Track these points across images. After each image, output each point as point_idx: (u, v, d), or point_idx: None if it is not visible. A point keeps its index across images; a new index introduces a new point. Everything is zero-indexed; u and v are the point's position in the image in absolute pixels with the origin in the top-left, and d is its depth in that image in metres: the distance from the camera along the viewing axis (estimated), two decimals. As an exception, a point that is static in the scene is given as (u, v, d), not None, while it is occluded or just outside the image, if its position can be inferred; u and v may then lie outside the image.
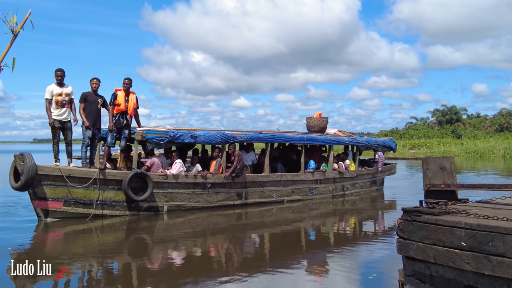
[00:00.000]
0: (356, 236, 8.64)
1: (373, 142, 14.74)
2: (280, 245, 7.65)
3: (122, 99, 9.44)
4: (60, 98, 8.98)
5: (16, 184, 8.47)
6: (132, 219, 9.22)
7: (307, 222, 9.89)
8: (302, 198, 12.10)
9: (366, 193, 14.12)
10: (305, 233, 8.81)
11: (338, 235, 8.70)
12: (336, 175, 12.97)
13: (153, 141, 9.53)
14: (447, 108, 61.80)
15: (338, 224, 9.77)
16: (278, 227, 9.11)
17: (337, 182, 13.05)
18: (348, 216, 10.97)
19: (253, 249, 7.47)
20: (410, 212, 4.29)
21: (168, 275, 5.61)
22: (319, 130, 13.91)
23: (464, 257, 3.71)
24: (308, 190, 12.27)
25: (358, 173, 13.86)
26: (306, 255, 6.82)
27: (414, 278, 4.26)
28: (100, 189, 8.97)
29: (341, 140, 13.56)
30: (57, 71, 9.10)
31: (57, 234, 8.13)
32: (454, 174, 5.31)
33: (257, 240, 8.15)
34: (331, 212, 11.39)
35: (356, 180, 13.76)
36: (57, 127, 8.98)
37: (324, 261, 6.57)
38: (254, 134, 11.43)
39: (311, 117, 14.30)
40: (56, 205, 8.70)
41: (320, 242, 8.05)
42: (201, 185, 10.13)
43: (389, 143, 15.59)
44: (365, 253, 7.00)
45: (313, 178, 12.30)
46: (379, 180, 15.21)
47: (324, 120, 14.22)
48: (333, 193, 12.92)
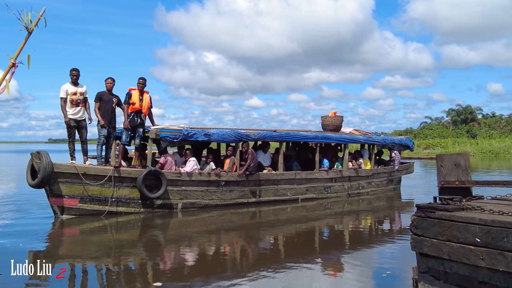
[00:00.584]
0: (371, 235, 8.58)
1: (389, 141, 14.59)
2: (294, 244, 7.62)
3: (136, 98, 9.56)
4: (75, 97, 9.13)
5: (33, 182, 8.64)
6: (147, 216, 9.32)
7: (322, 221, 9.81)
8: (317, 197, 12.06)
9: (383, 192, 13.98)
10: (320, 232, 8.77)
11: (353, 233, 8.64)
12: (351, 173, 12.89)
13: (167, 139, 9.63)
14: (462, 107, 61.03)
15: (353, 223, 9.70)
16: (293, 225, 9.08)
17: (352, 181, 12.96)
18: (363, 215, 10.85)
19: (267, 248, 7.45)
20: (424, 209, 4.27)
21: (182, 273, 5.62)
22: (334, 128, 13.83)
23: (478, 253, 3.68)
24: (323, 188, 12.24)
25: (374, 171, 13.74)
26: (320, 254, 6.77)
27: (428, 275, 4.24)
28: (115, 186, 9.09)
29: (356, 139, 13.47)
30: (72, 70, 9.25)
31: (73, 230, 8.26)
32: (469, 170, 5.26)
33: (271, 239, 8.13)
34: (346, 211, 11.29)
35: (372, 178, 13.65)
36: (72, 125, 9.14)
37: (338, 259, 6.53)
38: (268, 133, 11.44)
39: (326, 115, 14.22)
40: (72, 202, 8.84)
41: (334, 240, 8.01)
42: (215, 183, 10.19)
43: (406, 141, 15.42)
44: (380, 251, 6.94)
45: (327, 176, 12.26)
46: (396, 179, 15.05)
47: (339, 119, 14.14)
48: (348, 191, 12.84)
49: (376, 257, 6.58)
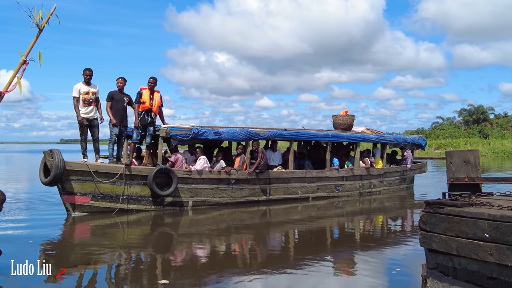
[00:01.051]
0: (382, 233, 8.50)
1: (402, 140, 14.45)
2: (305, 242, 7.59)
3: (147, 97, 9.65)
4: (87, 96, 9.27)
5: (45, 179, 8.79)
6: (158, 214, 9.40)
7: (333, 220, 9.74)
8: (328, 195, 12.02)
9: (395, 191, 13.86)
10: (330, 231, 8.70)
11: (364, 232, 8.56)
12: (363, 172, 12.82)
13: (177, 138, 9.71)
14: (474, 107, 60.42)
15: (364, 221, 9.61)
16: (303, 224, 9.05)
17: (364, 179, 12.89)
18: (374, 214, 10.77)
19: (277, 246, 7.43)
20: (433, 205, 4.25)
21: (191, 270, 5.60)
22: (345, 127, 13.77)
23: (487, 249, 3.65)
24: (334, 187, 12.20)
25: (386, 170, 13.64)
26: (330, 251, 6.73)
27: (437, 271, 4.21)
28: (126, 184, 9.20)
29: (367, 138, 13.39)
30: (85, 70, 9.40)
31: (85, 227, 8.38)
32: (478, 167, 5.22)
33: (281, 237, 8.11)
34: (358, 210, 11.20)
35: (384, 177, 13.54)
36: (84, 124, 9.27)
37: (348, 256, 6.49)
38: (278, 131, 11.44)
39: (337, 114, 14.19)
40: (84, 200, 8.98)
41: (345, 238, 7.95)
42: (225, 181, 10.23)
43: (419, 141, 15.26)
44: (390, 249, 6.88)
45: (338, 175, 12.21)
46: (409, 178, 14.90)
47: (350, 118, 14.08)
48: (360, 190, 12.77)
49: (386, 255, 6.52)
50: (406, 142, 14.59)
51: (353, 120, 14.19)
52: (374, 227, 9.17)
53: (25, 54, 3.86)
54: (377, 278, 5.35)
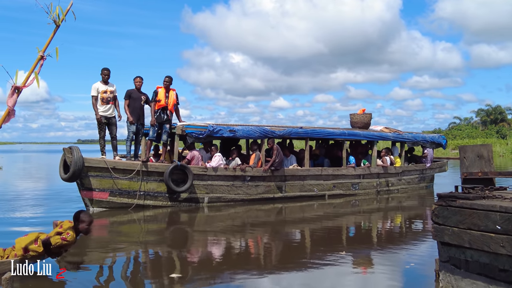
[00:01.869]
0: (397, 230, 8.42)
1: (421, 138, 14.25)
2: (320, 239, 7.55)
3: (162, 96, 9.83)
4: (105, 95, 9.49)
5: (65, 175, 9.04)
6: (174, 210, 9.55)
7: (349, 217, 9.66)
8: (345, 193, 11.97)
9: (414, 190, 13.68)
10: (346, 228, 8.61)
11: (380, 229, 8.47)
12: (380, 170, 12.71)
13: (193, 135, 9.84)
14: (491, 108, 59.25)
15: (381, 219, 9.52)
16: (319, 222, 9.00)
17: (381, 178, 12.77)
18: (391, 212, 10.66)
19: (293, 243, 7.39)
20: (445, 198, 4.23)
21: (206, 266, 5.63)
22: (363, 126, 13.67)
23: (499, 241, 3.63)
24: (351, 185, 12.13)
25: (404, 169, 13.48)
26: (346, 248, 6.73)
27: (449, 264, 4.19)
28: (143, 180, 9.37)
29: (384, 136, 13.26)
30: (103, 69, 9.62)
31: (103, 222, 8.57)
32: (492, 161, 5.14)
33: (297, 235, 8.11)
34: (375, 208, 11.10)
35: (402, 176, 13.40)
36: (103, 122, 9.48)
37: (362, 253, 6.45)
38: (293, 129, 11.45)
39: (354, 113, 14.13)
40: (102, 195, 9.18)
41: (360, 236, 7.88)
42: (241, 178, 10.31)
43: (439, 139, 15.02)
44: (406, 246, 6.81)
45: (355, 173, 12.14)
46: (428, 177, 14.67)
47: (368, 116, 13.98)
48: (377, 188, 12.67)
49: (401, 251, 6.48)
50: (426, 140, 14.39)
51: (371, 119, 14.09)
52: (390, 225, 9.10)
53: (43, 49, 4.00)
54: (390, 271, 5.34)
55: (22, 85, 3.93)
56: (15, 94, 3.96)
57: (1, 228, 7.54)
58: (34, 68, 3.91)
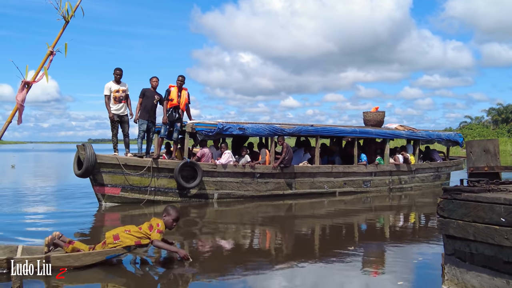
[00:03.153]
0: (408, 227, 8.32)
1: (436, 136, 14.12)
2: (329, 235, 7.58)
3: (175, 95, 9.99)
4: (118, 94, 9.73)
5: (78, 171, 9.24)
6: (184, 205, 9.67)
7: (359, 214, 9.56)
8: (356, 190, 11.94)
9: (428, 188, 13.54)
10: (356, 225, 8.50)
11: (390, 226, 8.36)
12: (392, 168, 12.64)
13: (203, 133, 9.97)
14: (503, 107, 58.42)
15: (392, 216, 9.38)
16: (329, 218, 8.96)
17: (393, 175, 12.70)
18: (403, 210, 10.57)
19: (302, 239, 7.32)
20: (451, 191, 4.23)
21: (215, 260, 5.62)
22: (376, 124, 13.61)
23: (503, 233, 3.62)
24: (362, 182, 12.09)
25: (418, 166, 13.37)
26: (353, 243, 6.61)
27: (454, 257, 4.18)
28: (154, 176, 9.53)
29: (397, 134, 13.16)
30: (116, 69, 9.87)
31: (116, 216, 8.77)
32: (498, 156, 5.12)
33: (307, 231, 8.09)
34: (386, 205, 11.01)
35: (416, 173, 13.30)
36: (115, 120, 9.68)
37: (370, 247, 6.42)
38: (303, 127, 11.45)
39: (367, 111, 14.08)
40: (114, 191, 9.42)
41: (370, 232, 7.80)
42: (250, 175, 10.38)
43: (455, 137, 14.82)
44: (415, 241, 6.77)
45: (366, 170, 12.10)
46: (444, 175, 14.52)
47: (381, 114, 13.90)
48: (389, 186, 12.60)
49: (410, 247, 6.45)
50: (441, 138, 14.24)
51: (384, 117, 14.01)
52: (400, 220, 9.03)
53: (52, 45, 4.10)
54: (397, 265, 5.35)
55: (32, 80, 4.03)
56: (25, 89, 4.06)
57: (18, 227, 7.63)
58: (43, 63, 4.02)
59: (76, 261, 4.72)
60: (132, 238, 4.97)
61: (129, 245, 4.94)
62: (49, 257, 4.55)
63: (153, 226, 5.11)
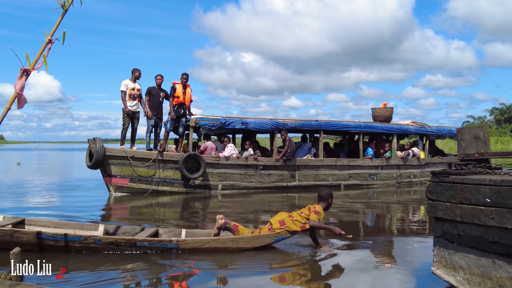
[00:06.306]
0: (410, 222, 8.30)
1: (447, 131, 14.01)
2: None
3: (180, 92, 10.36)
4: (133, 92, 10.17)
5: (89, 163, 9.70)
6: (189, 196, 10.02)
7: (364, 208, 9.49)
8: (362, 183, 11.97)
9: None
10: (361, 218, 8.39)
11: (394, 219, 8.29)
12: (400, 161, 12.64)
13: (206, 127, 10.25)
14: (505, 106, 57.44)
15: (398, 210, 9.30)
16: (332, 211, 8.95)
17: (401, 169, 12.69)
18: (410, 203, 10.39)
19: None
20: (439, 174, 4.30)
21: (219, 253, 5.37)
22: (384, 120, 13.57)
23: (488, 213, 3.69)
24: (368, 175, 12.11)
25: (428, 161, 13.32)
26: (357, 238, 6.40)
27: (443, 239, 4.25)
28: (160, 168, 9.89)
29: (405, 129, 13.14)
30: (137, 70, 10.32)
31: (124, 206, 9.11)
32: (488, 143, 5.12)
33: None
34: (392, 199, 10.91)
35: (426, 168, 13.24)
36: (129, 116, 10.04)
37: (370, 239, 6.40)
38: (306, 121, 11.53)
39: (376, 107, 14.09)
40: (123, 182, 9.87)
41: (372, 225, 7.77)
42: (253, 167, 10.61)
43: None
44: (412, 233, 6.81)
45: (372, 163, 12.12)
46: (456, 170, 14.47)
47: (389, 110, 13.87)
48: (397, 179, 12.61)
49: (408, 238, 6.44)
50: (452, 133, 14.11)
51: (392, 113, 13.96)
52: (406, 215, 8.96)
53: (51, 33, 4.24)
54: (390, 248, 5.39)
55: (31, 68, 4.17)
56: (24, 77, 4.18)
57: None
58: (42, 51, 4.17)
59: (247, 243, 5.21)
60: (297, 223, 5.33)
61: (295, 230, 5.31)
62: (220, 238, 5.18)
63: (310, 209, 5.44)
